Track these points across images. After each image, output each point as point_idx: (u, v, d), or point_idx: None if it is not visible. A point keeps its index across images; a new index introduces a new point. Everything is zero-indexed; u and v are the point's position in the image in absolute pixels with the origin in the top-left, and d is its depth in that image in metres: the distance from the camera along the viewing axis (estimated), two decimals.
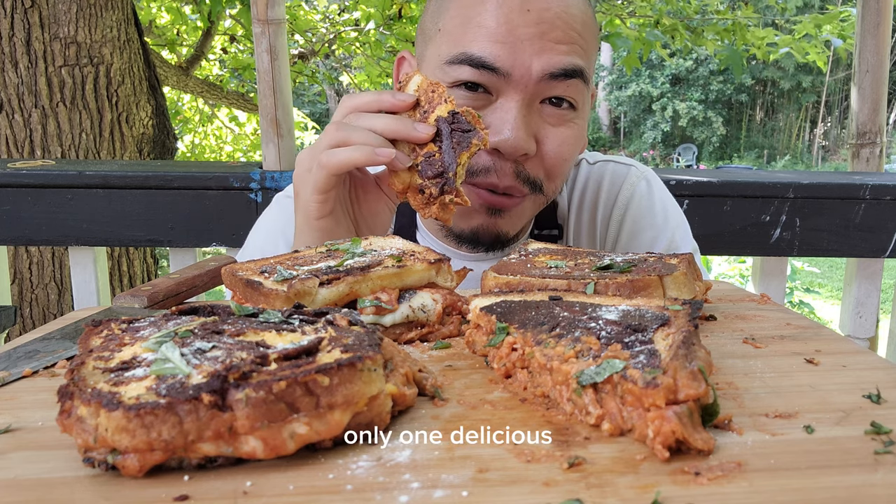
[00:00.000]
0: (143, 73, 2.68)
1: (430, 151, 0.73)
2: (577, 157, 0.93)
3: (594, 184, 1.07)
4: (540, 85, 0.82)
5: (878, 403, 0.44)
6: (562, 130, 0.85)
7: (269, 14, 1.56)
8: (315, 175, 0.74)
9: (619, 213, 1.05)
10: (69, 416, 0.37)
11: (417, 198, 0.74)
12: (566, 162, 0.88)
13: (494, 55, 0.80)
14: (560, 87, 0.83)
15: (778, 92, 19.65)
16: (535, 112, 0.84)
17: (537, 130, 0.84)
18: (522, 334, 0.48)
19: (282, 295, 0.55)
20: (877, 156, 1.69)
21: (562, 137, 0.85)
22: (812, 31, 3.82)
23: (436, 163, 0.73)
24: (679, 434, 0.37)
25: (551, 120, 0.85)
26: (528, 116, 0.82)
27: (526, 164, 0.85)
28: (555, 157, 0.86)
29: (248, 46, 5.35)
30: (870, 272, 1.62)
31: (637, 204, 1.05)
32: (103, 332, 0.47)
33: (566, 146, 0.86)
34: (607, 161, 1.09)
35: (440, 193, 0.72)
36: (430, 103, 0.76)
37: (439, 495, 0.34)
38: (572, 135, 0.87)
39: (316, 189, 0.75)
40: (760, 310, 0.67)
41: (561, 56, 0.81)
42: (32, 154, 2.47)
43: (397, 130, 0.73)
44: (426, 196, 0.73)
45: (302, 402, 0.37)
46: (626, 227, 1.05)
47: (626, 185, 1.06)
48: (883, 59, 1.62)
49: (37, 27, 2.40)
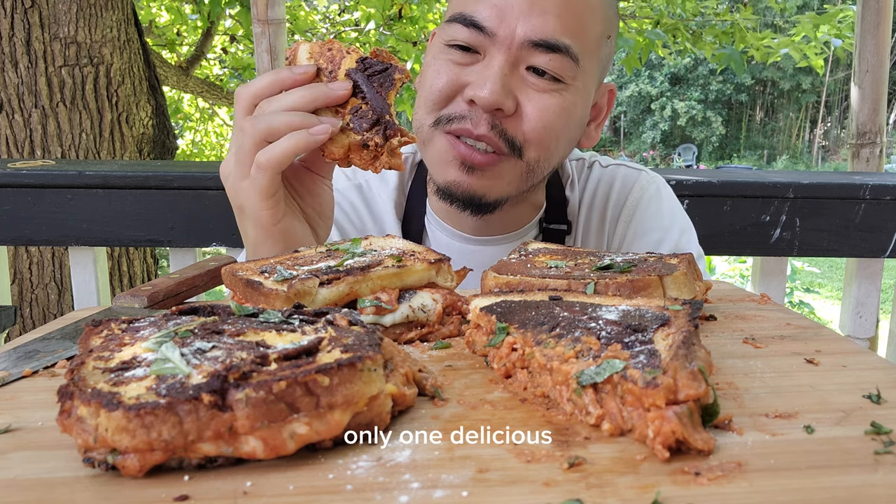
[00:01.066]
0: (143, 73, 2.68)
1: (355, 106, 0.70)
2: (565, 138, 0.92)
3: (605, 185, 1.08)
4: (522, 50, 0.84)
5: (878, 403, 0.44)
6: (545, 97, 0.86)
7: (269, 14, 1.56)
8: (257, 181, 0.69)
9: (627, 213, 1.07)
10: (69, 416, 0.37)
11: (362, 155, 0.69)
12: (549, 130, 0.87)
13: (483, 15, 0.84)
14: (542, 58, 0.84)
15: (778, 92, 19.64)
16: (518, 76, 0.86)
17: (518, 92, 0.86)
18: (522, 334, 0.48)
19: (282, 295, 0.55)
20: (877, 156, 1.69)
21: (544, 104, 0.86)
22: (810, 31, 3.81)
23: (366, 113, 0.69)
24: (679, 434, 0.37)
25: (535, 86, 0.86)
26: (509, 76, 0.84)
27: (504, 122, 0.86)
28: (535, 121, 0.86)
29: (248, 46, 5.35)
30: (870, 272, 1.62)
31: (645, 206, 1.06)
32: (103, 332, 0.47)
33: (548, 113, 0.86)
34: (619, 165, 1.11)
35: (385, 140, 0.68)
36: (332, 62, 0.72)
37: (439, 495, 0.34)
38: (557, 105, 0.87)
39: (263, 195, 0.70)
40: (760, 310, 0.67)
41: (547, 27, 0.83)
42: (32, 154, 2.47)
43: (315, 98, 0.68)
44: (372, 149, 0.69)
45: (302, 403, 0.37)
46: (634, 228, 1.06)
47: (637, 188, 1.07)
48: (883, 59, 1.62)
49: (37, 27, 2.40)
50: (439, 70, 0.88)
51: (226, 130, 7.34)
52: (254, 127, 0.69)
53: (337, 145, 0.70)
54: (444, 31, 0.89)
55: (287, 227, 0.74)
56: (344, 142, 0.70)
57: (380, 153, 0.70)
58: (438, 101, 0.88)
